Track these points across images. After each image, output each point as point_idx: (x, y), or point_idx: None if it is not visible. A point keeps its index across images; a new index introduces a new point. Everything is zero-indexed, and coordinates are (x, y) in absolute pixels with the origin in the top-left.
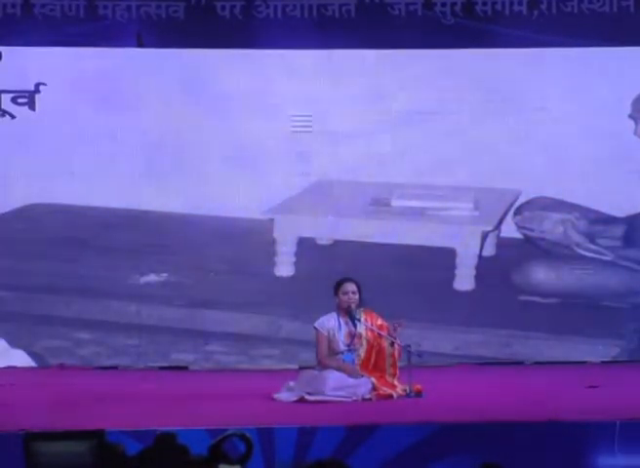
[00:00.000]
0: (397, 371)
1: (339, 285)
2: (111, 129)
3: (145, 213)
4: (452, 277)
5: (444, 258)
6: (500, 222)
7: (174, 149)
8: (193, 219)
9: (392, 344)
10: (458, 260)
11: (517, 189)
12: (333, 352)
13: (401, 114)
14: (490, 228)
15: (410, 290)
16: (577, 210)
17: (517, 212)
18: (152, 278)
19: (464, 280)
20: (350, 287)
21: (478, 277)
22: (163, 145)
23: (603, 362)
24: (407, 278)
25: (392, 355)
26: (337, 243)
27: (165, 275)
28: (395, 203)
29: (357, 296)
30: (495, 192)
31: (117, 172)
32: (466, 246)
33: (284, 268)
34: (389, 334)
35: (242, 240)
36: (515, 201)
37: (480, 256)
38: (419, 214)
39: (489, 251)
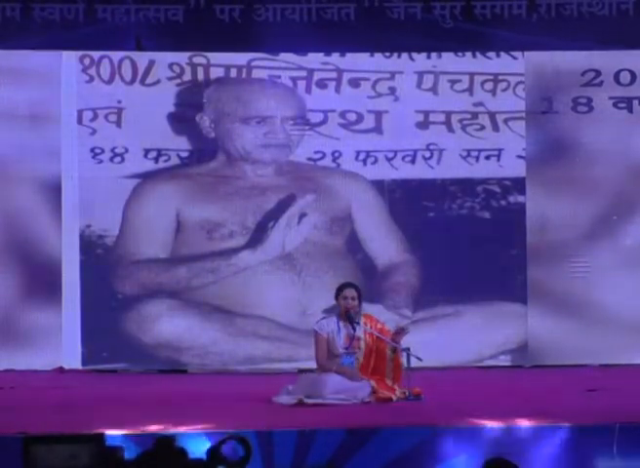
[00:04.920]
0: (400, 377)
1: (340, 289)
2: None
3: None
4: None
5: None
6: None
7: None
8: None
9: (394, 350)
10: None
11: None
12: (332, 355)
13: (400, 116)
14: None
15: None
16: None
17: None
18: None
19: None
20: (350, 292)
21: None
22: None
23: (602, 365)
24: None
25: (394, 360)
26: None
27: None
28: None
29: (357, 302)
30: None
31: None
32: None
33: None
34: (392, 339)
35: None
36: None
37: None
38: None
39: None
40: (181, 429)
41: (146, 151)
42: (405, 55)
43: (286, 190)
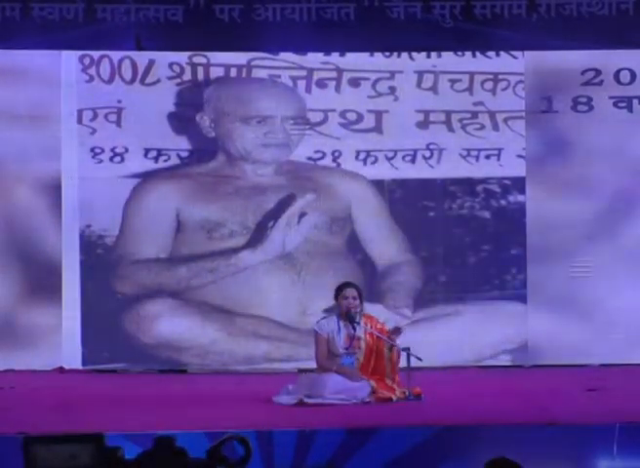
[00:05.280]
0: (397, 376)
1: (339, 289)
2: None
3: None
4: None
5: None
6: None
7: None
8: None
9: (391, 348)
10: None
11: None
12: (332, 355)
13: (400, 116)
14: None
15: None
16: None
17: None
18: None
19: None
20: (351, 292)
21: None
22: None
23: (602, 364)
24: None
25: (391, 359)
26: None
27: None
28: None
29: (357, 302)
30: None
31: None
32: None
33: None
34: (388, 337)
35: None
36: None
37: None
38: None
39: None
40: (181, 429)
41: (146, 151)
42: (405, 54)
43: (286, 190)
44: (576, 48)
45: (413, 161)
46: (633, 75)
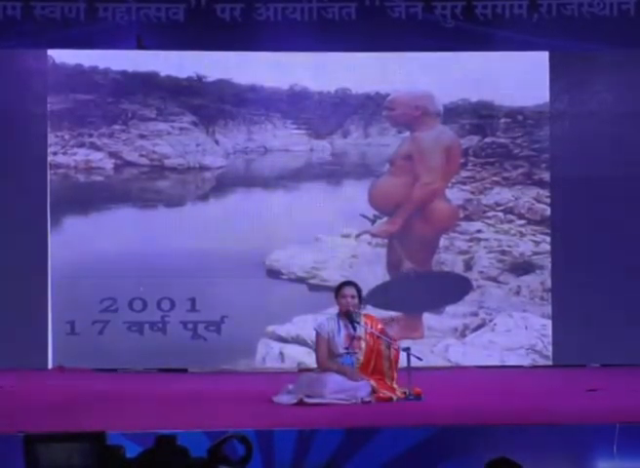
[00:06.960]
0: (395, 374)
1: (338, 289)
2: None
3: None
4: None
5: None
6: None
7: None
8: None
9: (389, 347)
10: None
11: None
12: (332, 355)
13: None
14: None
15: None
16: None
17: None
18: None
19: None
20: (349, 290)
21: None
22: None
23: (602, 365)
24: None
25: (389, 358)
26: None
27: None
28: None
29: (356, 300)
30: None
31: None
32: None
33: None
34: (388, 337)
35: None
36: None
37: None
38: None
39: None
40: (182, 428)
41: None
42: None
43: None
44: (576, 48)
45: None
46: None
